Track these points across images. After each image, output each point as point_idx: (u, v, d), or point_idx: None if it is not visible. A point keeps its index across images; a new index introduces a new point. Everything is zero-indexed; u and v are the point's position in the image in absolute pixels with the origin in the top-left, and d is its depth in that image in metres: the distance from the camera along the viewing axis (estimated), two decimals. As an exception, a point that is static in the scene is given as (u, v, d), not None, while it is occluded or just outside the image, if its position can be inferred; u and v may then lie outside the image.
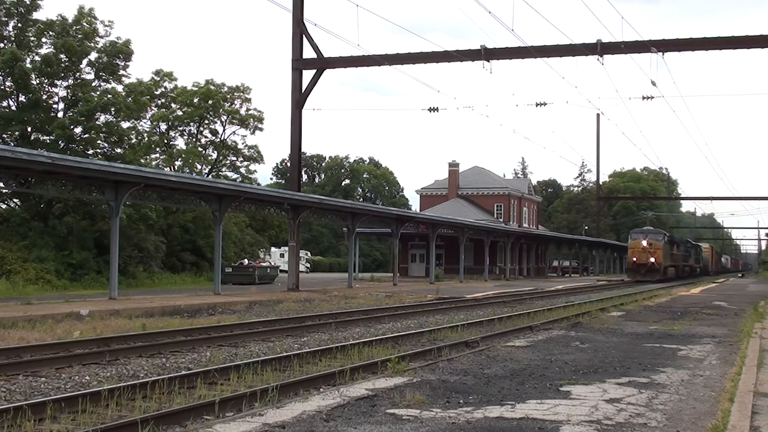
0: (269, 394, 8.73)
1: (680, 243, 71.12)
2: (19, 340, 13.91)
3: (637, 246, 57.71)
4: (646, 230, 61.49)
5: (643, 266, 56.70)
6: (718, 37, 30.99)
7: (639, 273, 56.53)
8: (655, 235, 59.11)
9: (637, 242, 58.15)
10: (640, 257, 56.94)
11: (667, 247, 60.17)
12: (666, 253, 59.12)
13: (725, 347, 14.21)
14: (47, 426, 7.69)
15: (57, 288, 30.83)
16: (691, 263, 77.19)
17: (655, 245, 57.17)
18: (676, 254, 65.47)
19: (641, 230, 62.12)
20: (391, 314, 21.07)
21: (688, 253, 74.39)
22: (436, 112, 34.55)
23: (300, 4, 33.50)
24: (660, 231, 62.06)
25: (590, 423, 7.41)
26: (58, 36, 37.19)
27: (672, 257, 62.70)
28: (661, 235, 59.59)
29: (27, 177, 24.69)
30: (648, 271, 56.36)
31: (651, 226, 75.89)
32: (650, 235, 59.09)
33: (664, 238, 59.40)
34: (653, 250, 56.86)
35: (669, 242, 61.87)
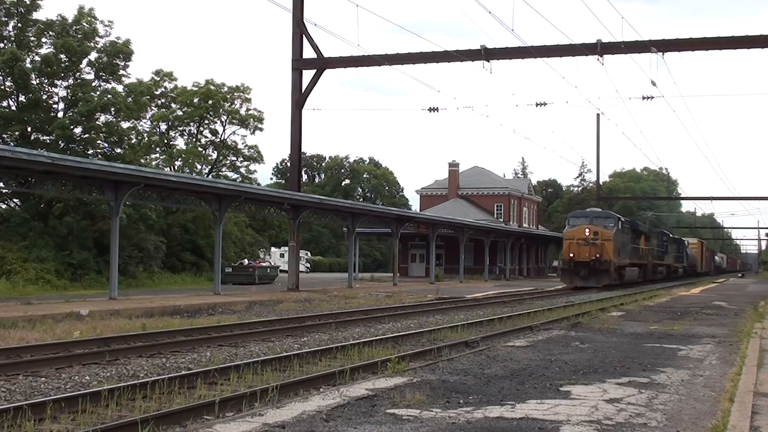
0: (269, 394, 8.73)
1: (651, 234, 56.10)
2: (19, 340, 13.91)
3: (576, 235, 40.95)
4: (591, 213, 44.59)
5: (584, 266, 40.18)
6: (718, 37, 30.99)
7: (577, 275, 40.34)
8: (603, 220, 42.21)
9: (576, 230, 41.36)
10: (580, 252, 40.23)
11: (624, 237, 44.20)
12: (621, 245, 43.02)
13: (725, 347, 14.21)
14: (47, 426, 7.69)
15: (57, 288, 30.83)
16: (669, 262, 63.22)
17: (603, 234, 40.53)
18: (644, 249, 51.21)
19: (583, 212, 45.88)
20: (391, 314, 21.07)
21: (663, 248, 60.36)
22: (436, 112, 34.55)
23: (300, 4, 33.50)
24: (611, 214, 44.26)
25: (590, 423, 7.41)
26: (58, 36, 37.20)
27: (634, 252, 47.57)
28: (613, 220, 42.51)
29: (27, 177, 24.70)
30: (591, 272, 40.00)
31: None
32: (596, 219, 41.92)
33: (617, 224, 42.48)
34: (599, 242, 40.25)
35: (629, 231, 46.23)
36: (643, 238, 51.55)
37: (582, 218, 42.67)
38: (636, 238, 48.77)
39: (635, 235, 48.69)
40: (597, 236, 40.58)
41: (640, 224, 54.52)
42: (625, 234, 44.73)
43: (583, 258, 40.30)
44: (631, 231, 47.29)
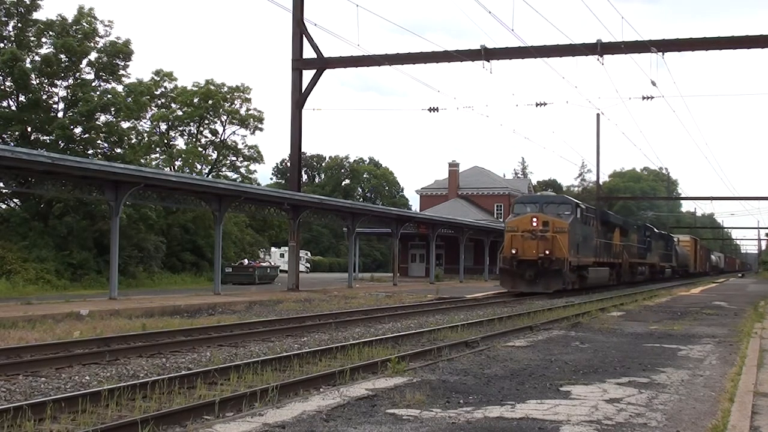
0: (269, 394, 8.73)
1: (629, 228, 47.55)
2: (19, 340, 13.91)
3: (521, 227, 32.11)
4: (541, 198, 35.72)
5: (530, 265, 31.51)
6: (718, 37, 30.99)
7: (521, 278, 31.72)
8: (557, 207, 33.35)
9: (520, 220, 32.49)
10: (524, 248, 31.64)
11: (586, 229, 35.31)
12: (581, 239, 34.26)
13: (725, 347, 14.21)
14: (47, 426, 7.69)
15: (57, 288, 30.84)
16: (652, 260, 54.96)
17: (556, 225, 31.86)
18: (618, 245, 42.92)
19: (531, 197, 37.70)
20: (391, 314, 21.07)
21: (646, 244, 52.23)
22: (436, 112, 34.55)
23: (300, 4, 33.50)
24: (568, 200, 35.63)
25: (590, 423, 7.41)
26: (58, 36, 37.21)
27: (604, 249, 39.13)
28: (569, 207, 33.67)
29: (27, 177, 24.71)
30: (539, 274, 31.41)
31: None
32: (547, 206, 33.20)
33: (575, 212, 33.66)
34: (550, 235, 31.55)
35: (594, 222, 37.19)
36: (618, 232, 43.33)
37: (530, 205, 33.82)
38: (607, 231, 40.57)
39: (606, 227, 40.37)
40: (547, 227, 31.63)
41: (612, 215, 45.62)
42: (588, 225, 36.00)
43: (529, 255, 31.45)
44: (600, 222, 38.74)
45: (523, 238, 31.82)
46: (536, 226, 31.81)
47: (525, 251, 31.75)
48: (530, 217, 32.13)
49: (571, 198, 36.94)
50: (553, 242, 31.55)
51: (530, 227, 31.90)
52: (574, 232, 33.12)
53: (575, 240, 33.16)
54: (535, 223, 31.86)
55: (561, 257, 31.51)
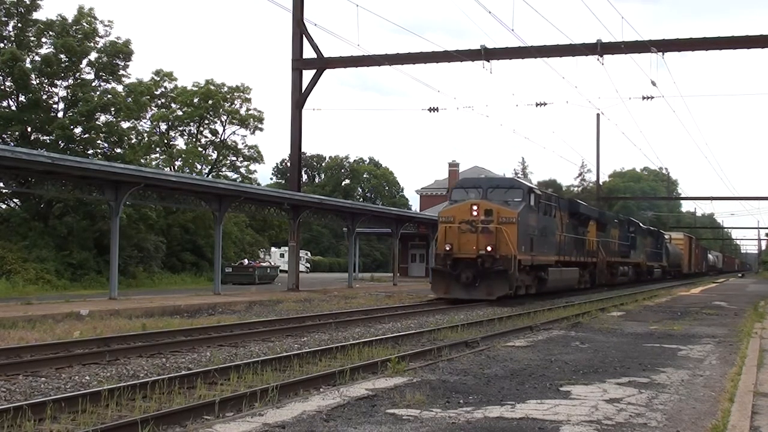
0: (269, 394, 8.73)
1: (608, 222, 41.44)
2: (19, 340, 13.91)
3: (458, 217, 26.21)
4: (485, 181, 28.74)
5: (468, 265, 25.75)
6: (718, 37, 30.99)
7: (456, 280, 25.75)
8: (504, 193, 27.17)
9: (457, 209, 26.54)
10: (461, 243, 25.92)
11: (544, 221, 29.03)
12: (537, 233, 28.11)
13: (725, 347, 14.21)
14: (47, 426, 7.69)
15: (57, 288, 30.85)
16: (638, 259, 49.35)
17: (501, 214, 25.91)
18: (593, 242, 37.08)
19: (473, 181, 29.32)
20: (391, 314, 21.05)
21: (629, 241, 46.62)
22: (436, 112, 34.53)
23: (300, 4, 33.50)
24: (518, 183, 29.03)
25: (590, 423, 7.41)
26: (58, 36, 37.23)
27: (573, 245, 33.31)
28: (520, 193, 27.27)
29: (27, 177, 24.71)
30: (479, 275, 25.51)
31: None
32: (492, 191, 27.07)
33: (528, 199, 27.30)
34: (494, 226, 25.64)
35: (556, 211, 30.96)
36: (594, 226, 37.51)
37: (471, 190, 27.43)
38: (578, 225, 34.69)
39: (577, 220, 34.35)
40: (490, 217, 25.64)
41: (585, 205, 37.96)
42: (549, 216, 29.79)
43: (467, 252, 25.65)
44: (568, 214, 32.96)
45: (459, 231, 25.90)
46: (476, 215, 25.81)
47: (462, 247, 25.85)
48: (469, 205, 26.08)
49: (524, 181, 29.57)
50: (497, 236, 25.48)
51: (469, 217, 25.86)
52: (526, 223, 26.94)
53: (528, 233, 27.07)
54: (475, 212, 25.82)
55: (507, 254, 25.39)
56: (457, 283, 25.83)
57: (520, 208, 26.53)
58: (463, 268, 25.81)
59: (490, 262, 25.52)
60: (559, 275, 30.74)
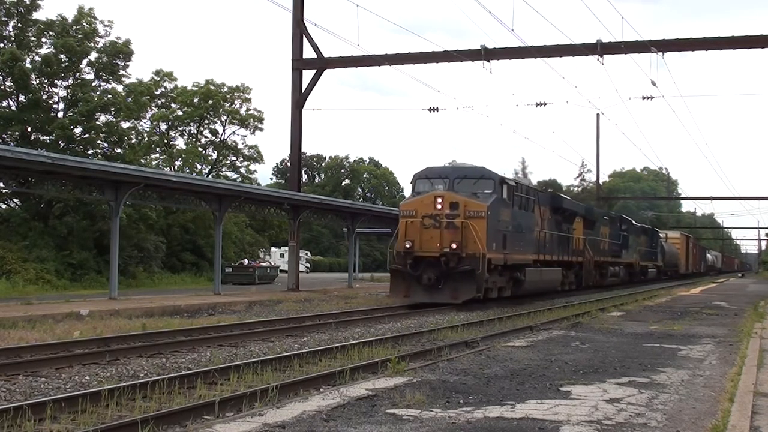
0: (269, 394, 8.73)
1: (597, 218, 39.09)
2: (19, 340, 13.91)
3: (420, 210, 23.84)
4: (452, 170, 25.20)
5: (431, 265, 23.39)
6: (718, 37, 30.99)
7: (417, 282, 23.38)
8: (472, 184, 24.53)
9: (420, 201, 24.17)
10: (423, 240, 23.53)
11: (518, 215, 26.17)
12: (508, 228, 25.14)
13: (725, 347, 14.22)
14: (47, 426, 7.69)
15: (57, 288, 30.84)
16: (630, 259, 46.93)
17: (469, 207, 23.54)
18: (579, 240, 34.58)
19: (439, 170, 25.48)
20: (391, 314, 21.05)
21: (621, 239, 44.32)
22: (436, 112, 34.51)
23: (300, 4, 33.49)
24: (488, 173, 25.09)
25: (590, 423, 7.41)
26: (58, 36, 37.22)
27: (549, 243, 29.77)
28: (490, 184, 24.58)
29: (27, 177, 24.71)
30: (443, 276, 23.20)
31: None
32: (460, 182, 24.47)
33: (500, 190, 24.64)
34: (460, 221, 23.24)
35: (536, 205, 28.39)
36: (581, 223, 35.12)
37: (436, 180, 24.68)
38: (563, 221, 32.15)
39: (560, 216, 31.83)
40: (457, 211, 23.22)
41: (569, 200, 35.76)
42: (526, 211, 27.05)
43: (429, 250, 23.21)
44: (550, 209, 30.54)
45: (422, 227, 23.36)
46: (441, 208, 23.25)
47: (424, 244, 23.28)
48: (433, 197, 23.56)
49: (495, 172, 25.21)
50: (463, 232, 23.00)
51: (432, 211, 23.35)
52: (498, 217, 24.27)
53: (500, 229, 24.36)
54: (439, 205, 23.29)
55: (475, 253, 22.83)
56: (419, 285, 23.29)
57: (490, 201, 23.93)
58: (425, 268, 23.28)
59: (455, 261, 23.07)
60: (539, 276, 28.18)
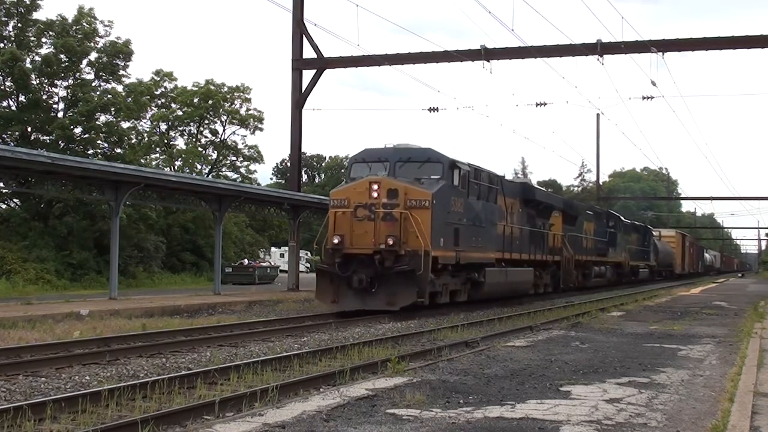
0: (269, 394, 8.73)
1: (579, 213, 36.01)
2: (19, 340, 13.91)
3: (353, 199, 20.17)
4: (394, 152, 21.14)
5: (363, 263, 19.65)
6: (718, 37, 30.98)
7: (347, 284, 19.66)
8: (417, 168, 20.97)
9: (353, 189, 20.48)
10: (354, 234, 19.94)
11: (475, 206, 22.68)
12: (461, 220, 21.63)
13: (725, 347, 14.22)
14: (47, 426, 7.69)
15: (57, 288, 30.84)
16: (618, 258, 43.68)
17: (410, 195, 19.88)
18: (556, 236, 31.22)
19: (377, 151, 21.63)
20: (391, 314, 21.03)
21: (608, 237, 41.02)
22: (436, 112, 34.48)
23: (300, 4, 33.48)
24: (436, 156, 21.15)
25: (590, 423, 7.41)
26: (58, 36, 37.23)
27: (517, 239, 26.24)
28: (438, 168, 20.93)
29: (27, 177, 24.70)
30: (376, 276, 19.50)
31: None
32: (402, 165, 20.84)
33: (451, 176, 21.03)
34: (398, 211, 19.58)
35: (499, 195, 24.90)
36: (559, 218, 31.96)
37: (375, 164, 21.17)
38: (537, 215, 28.79)
39: (534, 209, 28.47)
40: (395, 199, 19.64)
41: (542, 191, 32.56)
42: (487, 201, 23.45)
43: (361, 247, 19.70)
44: (520, 201, 27.10)
45: (354, 219, 19.76)
46: (377, 197, 19.62)
47: (356, 240, 19.69)
48: (367, 184, 19.87)
49: (445, 155, 21.25)
50: (403, 224, 19.37)
51: (367, 200, 19.72)
52: (447, 207, 20.66)
53: (450, 221, 20.81)
54: (375, 193, 19.64)
55: (416, 249, 19.12)
56: (348, 287, 19.58)
57: (437, 188, 20.24)
58: (356, 269, 19.51)
59: (392, 259, 19.39)
60: (503, 277, 24.64)
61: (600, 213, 42.50)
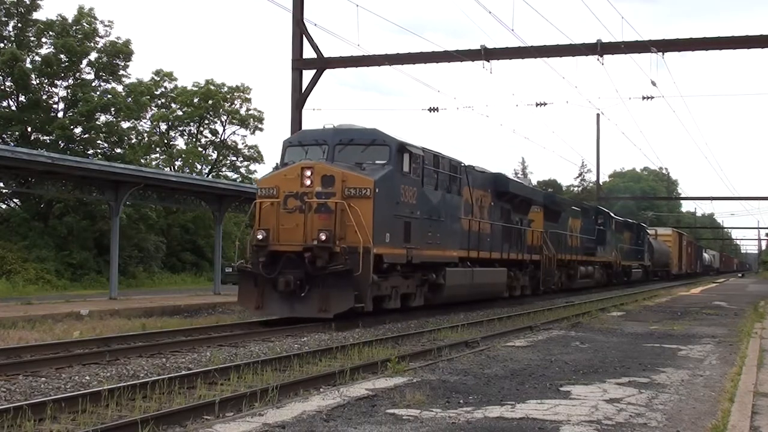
0: (269, 394, 8.73)
1: (562, 208, 33.80)
2: (19, 340, 13.91)
3: (282, 186, 17.02)
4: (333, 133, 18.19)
5: (291, 263, 16.57)
6: (718, 37, 30.92)
7: (273, 287, 16.59)
8: (361, 151, 17.87)
9: (284, 175, 17.36)
10: (285, 229, 16.80)
11: (432, 196, 19.68)
12: (413, 212, 18.48)
13: (725, 347, 14.22)
14: (47, 426, 7.69)
15: (57, 288, 30.84)
16: (607, 258, 41.24)
17: (348, 182, 16.80)
18: (532, 233, 28.46)
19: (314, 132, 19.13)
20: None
21: (597, 235, 38.76)
22: (436, 112, 34.38)
23: (300, 4, 33.43)
24: (383, 137, 17.98)
25: (590, 423, 7.41)
26: (58, 36, 37.25)
27: (485, 235, 23.75)
28: (386, 152, 17.74)
29: (27, 177, 24.71)
30: (307, 278, 16.40)
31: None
32: (343, 149, 17.82)
33: (400, 161, 17.96)
34: (334, 201, 16.58)
35: (462, 185, 21.99)
36: (540, 214, 29.85)
37: (313, 147, 18.45)
38: (512, 210, 26.39)
39: (506, 202, 25.98)
40: (331, 188, 16.88)
41: (515, 182, 29.01)
42: (442, 191, 20.47)
43: (289, 242, 16.86)
44: (492, 193, 24.90)
45: (283, 210, 16.92)
46: (310, 185, 16.77)
47: (283, 235, 16.84)
48: (299, 170, 16.98)
49: (394, 136, 18.26)
50: (339, 217, 16.54)
51: (298, 188, 16.83)
52: (395, 198, 17.76)
53: (399, 214, 17.89)
54: (308, 180, 16.77)
55: (354, 245, 16.26)
56: (273, 290, 16.72)
57: (381, 174, 17.28)
58: (283, 269, 16.64)
59: (325, 258, 16.43)
60: (468, 278, 21.94)
61: (588, 209, 40.14)
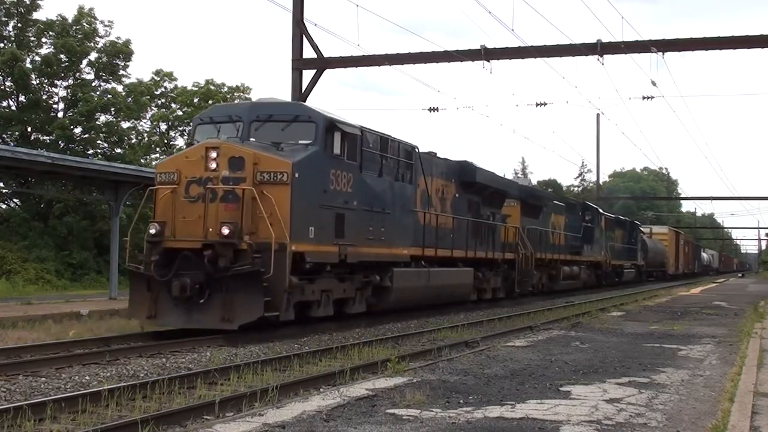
0: (269, 394, 8.73)
1: (544, 202, 31.58)
2: (18, 340, 13.91)
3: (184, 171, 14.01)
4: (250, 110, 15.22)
5: (189, 262, 13.57)
6: (718, 37, 30.90)
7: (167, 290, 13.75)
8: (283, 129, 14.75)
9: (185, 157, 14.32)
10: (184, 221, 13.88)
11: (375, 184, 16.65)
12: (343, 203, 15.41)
13: (725, 347, 14.22)
14: (47, 426, 7.69)
15: (57, 288, 30.81)
16: (595, 257, 38.22)
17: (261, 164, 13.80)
18: (507, 230, 26.01)
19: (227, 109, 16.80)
20: (391, 314, 21.01)
21: (584, 233, 36.13)
22: (436, 112, 34.37)
23: (300, 4, 33.41)
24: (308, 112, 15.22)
25: (590, 423, 7.41)
26: (58, 36, 37.22)
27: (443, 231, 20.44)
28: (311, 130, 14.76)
29: (27, 177, 24.73)
30: (208, 281, 13.47)
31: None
32: (262, 126, 14.75)
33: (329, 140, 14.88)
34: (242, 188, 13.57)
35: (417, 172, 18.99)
36: (516, 209, 27.53)
37: (226, 125, 15.44)
38: (481, 203, 24.00)
39: (475, 195, 23.67)
40: (241, 172, 13.86)
41: (485, 171, 24.85)
42: (389, 179, 17.59)
43: (188, 238, 13.96)
44: (457, 183, 22.59)
45: (184, 199, 14.21)
46: (215, 168, 14.00)
47: (180, 228, 14.16)
48: (203, 151, 14.18)
49: (322, 112, 15.41)
50: (249, 207, 13.79)
51: (202, 172, 14.09)
52: (322, 185, 14.99)
53: (328, 204, 15.19)
54: (213, 163, 14.01)
55: (266, 241, 13.52)
56: (167, 294, 14.00)
57: (302, 156, 14.42)
58: (179, 270, 13.89)
59: (228, 256, 13.61)
60: (422, 280, 19.25)
61: (574, 204, 37.69)
